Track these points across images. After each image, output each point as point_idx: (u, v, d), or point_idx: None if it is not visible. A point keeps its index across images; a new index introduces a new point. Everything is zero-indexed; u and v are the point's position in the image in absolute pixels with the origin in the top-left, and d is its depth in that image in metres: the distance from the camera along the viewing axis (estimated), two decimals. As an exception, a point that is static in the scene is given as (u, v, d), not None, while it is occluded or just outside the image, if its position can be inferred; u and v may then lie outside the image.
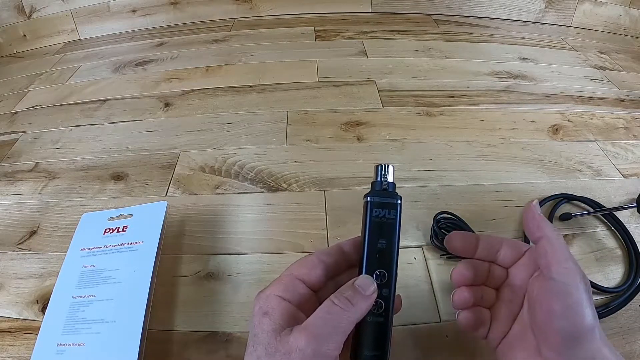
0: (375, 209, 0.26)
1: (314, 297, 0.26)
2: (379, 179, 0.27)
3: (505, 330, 0.26)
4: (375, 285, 0.24)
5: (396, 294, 0.26)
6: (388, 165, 0.28)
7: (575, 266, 0.23)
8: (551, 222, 0.41)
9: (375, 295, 0.24)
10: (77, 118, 0.60)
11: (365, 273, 0.25)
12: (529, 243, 0.34)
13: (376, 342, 0.25)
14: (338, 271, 0.27)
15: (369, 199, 0.26)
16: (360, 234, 0.27)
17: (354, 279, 0.25)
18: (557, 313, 0.22)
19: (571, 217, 0.42)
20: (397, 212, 0.26)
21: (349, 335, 0.23)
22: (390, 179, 0.27)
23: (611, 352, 0.22)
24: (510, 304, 0.27)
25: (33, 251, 0.41)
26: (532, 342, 0.24)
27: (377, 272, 0.25)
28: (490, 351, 0.27)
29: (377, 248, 0.26)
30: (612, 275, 0.38)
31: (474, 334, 0.28)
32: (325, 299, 0.24)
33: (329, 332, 0.22)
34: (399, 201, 0.26)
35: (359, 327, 0.24)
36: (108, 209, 0.40)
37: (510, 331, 0.26)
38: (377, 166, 0.28)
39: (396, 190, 0.27)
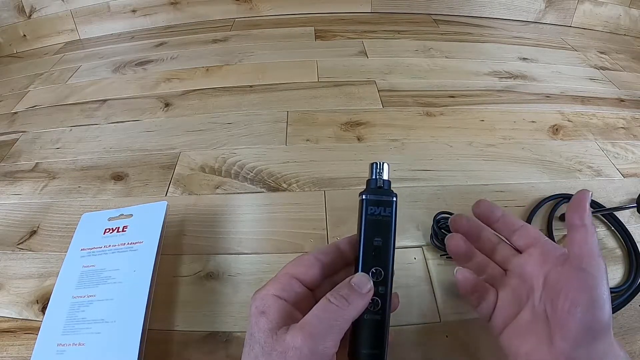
0: (371, 207, 0.26)
1: (310, 295, 0.26)
2: (374, 177, 0.27)
3: (511, 316, 0.26)
4: (372, 283, 0.24)
5: (393, 292, 0.26)
6: (383, 163, 0.28)
7: (604, 263, 0.24)
8: (551, 222, 0.41)
9: (371, 293, 0.24)
10: (77, 118, 0.60)
11: (362, 271, 0.25)
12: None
13: (373, 340, 0.25)
14: (335, 269, 0.27)
15: (364, 196, 0.27)
16: (356, 232, 0.27)
17: (350, 277, 0.25)
18: (582, 303, 0.22)
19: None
20: (392, 210, 0.26)
21: (345, 334, 0.23)
22: (385, 176, 0.27)
23: (621, 348, 0.23)
24: (517, 290, 0.27)
25: (33, 251, 0.41)
26: (542, 331, 0.24)
27: (373, 269, 0.25)
28: (492, 350, 0.27)
29: (373, 246, 0.26)
30: (612, 275, 0.38)
31: (477, 310, 0.28)
32: (322, 297, 0.24)
33: (326, 331, 0.22)
34: (395, 198, 0.26)
35: (356, 325, 0.24)
36: (108, 209, 0.40)
37: (517, 318, 0.26)
38: (372, 164, 0.28)
39: (392, 188, 0.27)
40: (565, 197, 0.44)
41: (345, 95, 0.61)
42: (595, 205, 0.43)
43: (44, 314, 0.34)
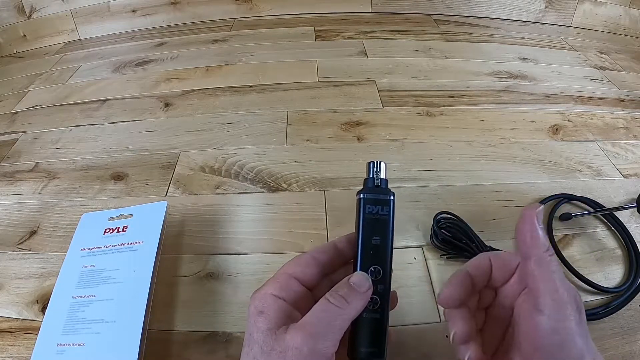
0: (369, 206, 0.26)
1: (309, 295, 0.26)
2: (371, 176, 0.27)
3: (493, 350, 0.25)
4: (370, 281, 0.24)
5: (392, 290, 0.26)
6: (380, 162, 0.28)
7: (566, 293, 0.21)
8: (551, 222, 0.41)
9: (370, 292, 0.24)
10: (77, 118, 0.59)
11: (361, 269, 0.25)
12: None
13: (373, 339, 0.25)
14: (333, 268, 0.27)
15: (361, 195, 0.27)
16: (354, 231, 0.27)
17: (349, 276, 0.25)
18: (542, 347, 0.21)
19: (571, 217, 0.42)
20: (390, 209, 0.26)
21: (344, 333, 0.23)
22: (382, 175, 0.27)
23: None
24: (498, 324, 0.26)
25: (33, 251, 0.41)
26: None
27: (372, 268, 0.25)
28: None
29: (371, 244, 0.26)
30: (612, 275, 0.38)
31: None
32: (321, 296, 0.24)
33: (325, 330, 0.22)
34: (392, 197, 0.26)
35: (355, 323, 0.24)
36: (108, 209, 0.40)
37: (498, 351, 0.25)
38: (369, 163, 0.28)
39: (390, 188, 0.27)
40: (565, 197, 0.44)
41: (345, 95, 0.61)
42: (595, 205, 0.43)
43: (44, 314, 0.34)
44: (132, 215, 0.39)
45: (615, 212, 0.42)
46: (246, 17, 0.89)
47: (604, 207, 0.43)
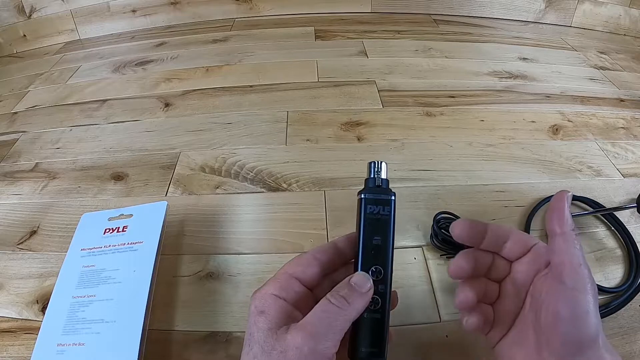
0: (370, 206, 0.26)
1: (309, 295, 0.26)
2: (372, 176, 0.27)
3: (507, 328, 0.26)
4: (371, 282, 0.24)
5: (392, 290, 0.26)
6: (381, 162, 0.28)
7: (588, 272, 0.23)
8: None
9: (371, 292, 0.24)
10: (77, 118, 0.60)
11: (362, 270, 0.25)
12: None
13: (373, 339, 0.25)
14: (333, 268, 0.27)
15: (362, 196, 0.26)
16: (354, 231, 0.27)
17: (350, 276, 0.25)
18: (564, 319, 0.22)
19: (571, 217, 0.42)
20: (391, 209, 0.26)
21: (345, 333, 0.23)
22: (383, 175, 0.27)
23: (612, 357, 0.22)
24: (512, 300, 0.26)
25: (33, 251, 0.41)
26: (532, 341, 0.24)
27: (373, 268, 0.25)
28: (487, 349, 0.27)
29: (372, 244, 0.26)
30: (612, 275, 0.38)
31: (486, 337, 0.27)
32: (321, 296, 0.24)
33: (326, 331, 0.22)
34: (393, 197, 0.26)
35: (356, 323, 0.24)
36: (108, 209, 0.40)
37: (511, 329, 0.26)
38: (370, 163, 0.28)
39: (391, 187, 0.27)
40: (565, 197, 0.44)
41: (345, 95, 0.61)
42: (595, 205, 0.43)
43: (44, 314, 0.34)
44: (132, 215, 0.39)
45: (615, 212, 0.42)
46: (246, 17, 0.89)
47: (604, 207, 0.43)
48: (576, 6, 0.86)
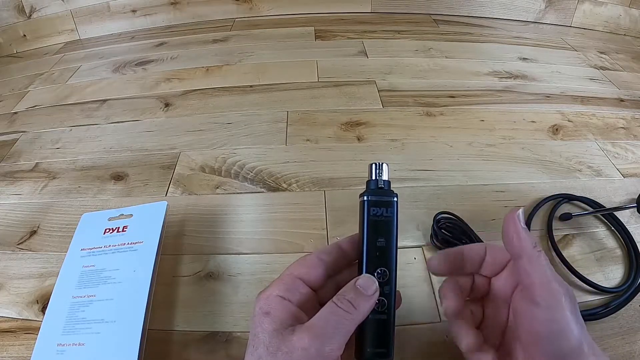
0: (373, 208, 0.26)
1: (314, 296, 0.26)
2: (374, 178, 0.27)
3: (497, 344, 0.26)
4: (377, 284, 0.24)
5: (397, 290, 0.26)
6: (382, 164, 0.28)
7: (559, 285, 0.22)
8: (551, 222, 0.41)
9: (377, 294, 0.24)
10: (77, 118, 0.59)
11: (367, 272, 0.25)
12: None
13: (380, 339, 0.25)
14: (338, 269, 0.27)
15: (365, 198, 0.26)
16: (357, 232, 0.27)
17: (355, 278, 0.25)
18: (543, 338, 0.22)
19: (571, 217, 0.42)
20: (394, 210, 0.26)
21: (350, 336, 0.23)
22: (385, 177, 0.27)
23: (599, 359, 0.22)
24: (496, 318, 0.26)
25: (33, 251, 0.41)
26: (520, 355, 0.24)
27: (378, 270, 0.25)
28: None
29: (376, 246, 0.26)
30: (612, 275, 0.38)
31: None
32: (325, 298, 0.24)
33: (332, 333, 0.22)
34: (395, 199, 0.26)
35: (363, 324, 0.24)
36: (108, 209, 0.40)
37: (501, 344, 0.26)
38: (371, 165, 0.28)
39: (392, 188, 0.27)
40: (565, 197, 0.44)
41: (345, 95, 0.61)
42: (595, 205, 0.43)
43: (44, 314, 0.34)
44: (132, 215, 0.39)
45: (615, 212, 0.42)
46: (246, 17, 0.89)
47: (604, 207, 0.43)
48: (576, 6, 0.86)
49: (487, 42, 0.78)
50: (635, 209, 0.42)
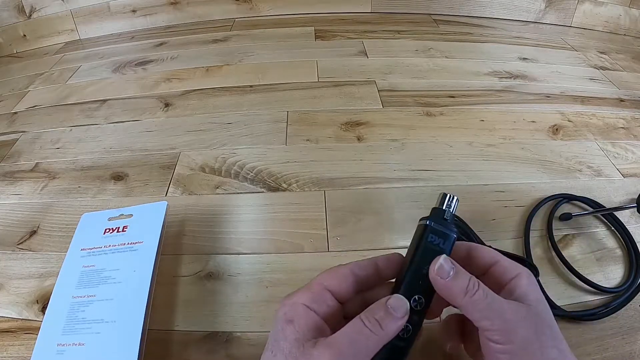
0: (431, 235, 0.25)
1: (340, 309, 0.25)
2: (443, 207, 0.27)
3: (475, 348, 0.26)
4: (408, 306, 0.23)
5: None
6: (454, 197, 0.27)
7: (510, 312, 0.22)
8: (551, 222, 0.41)
9: (406, 318, 0.23)
10: (77, 118, 0.59)
11: (404, 296, 0.24)
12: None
13: None
14: (369, 286, 0.26)
15: (427, 223, 0.26)
16: (403, 254, 0.26)
17: (387, 297, 0.24)
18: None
19: (571, 217, 0.42)
20: (449, 245, 0.26)
21: None
22: (452, 210, 0.27)
23: None
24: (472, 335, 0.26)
25: (33, 251, 0.41)
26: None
27: (415, 297, 0.24)
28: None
29: (421, 274, 0.25)
30: (612, 275, 0.38)
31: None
32: (351, 312, 0.23)
33: (355, 352, 0.22)
34: (455, 235, 0.26)
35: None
36: (108, 209, 0.40)
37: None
38: (442, 194, 0.27)
39: (446, 217, 0.27)
40: (565, 197, 0.44)
41: (345, 95, 0.61)
42: (595, 205, 0.43)
43: (44, 314, 0.34)
44: (132, 215, 0.39)
45: (615, 212, 0.42)
46: (246, 17, 0.89)
47: (604, 207, 0.43)
48: (576, 6, 0.86)
49: (487, 42, 0.78)
50: (635, 209, 0.42)
